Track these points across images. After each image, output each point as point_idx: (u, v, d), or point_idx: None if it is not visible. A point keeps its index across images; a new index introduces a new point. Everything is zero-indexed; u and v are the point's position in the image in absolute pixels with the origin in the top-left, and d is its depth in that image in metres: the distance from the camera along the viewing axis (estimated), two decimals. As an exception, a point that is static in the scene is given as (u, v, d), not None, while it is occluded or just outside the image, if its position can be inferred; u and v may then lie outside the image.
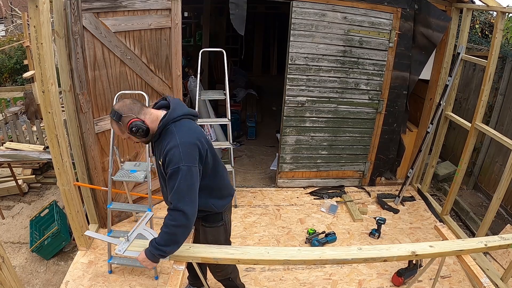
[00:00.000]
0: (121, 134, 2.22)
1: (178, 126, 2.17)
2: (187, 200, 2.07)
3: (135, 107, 2.16)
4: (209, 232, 2.57)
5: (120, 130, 2.18)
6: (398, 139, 4.98)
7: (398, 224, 4.38)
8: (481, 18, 6.25)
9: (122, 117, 2.12)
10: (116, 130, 2.22)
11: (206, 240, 2.59)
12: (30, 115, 7.38)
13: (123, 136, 2.22)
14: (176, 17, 3.69)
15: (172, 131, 2.15)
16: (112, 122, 2.18)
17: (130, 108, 2.14)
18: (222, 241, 2.64)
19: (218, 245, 2.49)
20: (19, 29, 12.16)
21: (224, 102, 4.33)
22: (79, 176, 3.64)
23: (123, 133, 2.19)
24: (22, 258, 3.84)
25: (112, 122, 2.19)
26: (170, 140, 2.12)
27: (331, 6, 4.09)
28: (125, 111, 2.13)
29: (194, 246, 2.29)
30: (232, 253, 2.21)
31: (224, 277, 2.85)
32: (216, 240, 2.60)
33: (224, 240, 2.67)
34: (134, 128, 2.11)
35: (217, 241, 2.59)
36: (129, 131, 2.13)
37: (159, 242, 2.09)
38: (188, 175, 2.07)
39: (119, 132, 2.20)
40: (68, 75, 3.27)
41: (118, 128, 2.17)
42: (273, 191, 4.97)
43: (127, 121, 2.12)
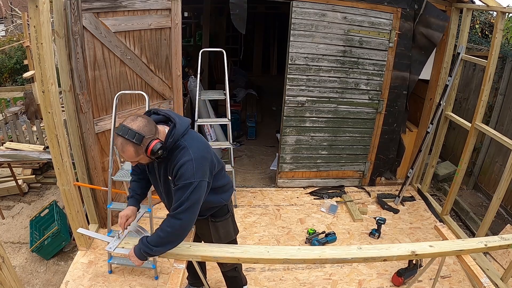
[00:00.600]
0: (132, 157, 2.02)
1: (188, 140, 2.14)
2: (189, 212, 2.10)
3: (152, 127, 2.03)
4: (220, 225, 2.58)
5: (135, 153, 1.99)
6: (398, 139, 4.98)
7: (398, 224, 4.38)
8: (481, 18, 6.25)
9: (144, 138, 1.97)
10: (129, 153, 1.99)
11: (218, 234, 2.59)
12: (30, 115, 7.38)
13: (134, 159, 2.05)
14: (176, 17, 3.70)
15: (184, 146, 2.11)
16: (126, 143, 1.96)
17: (150, 128, 2.01)
18: (232, 232, 2.68)
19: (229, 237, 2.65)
20: (19, 29, 12.16)
21: (224, 102, 4.33)
22: (79, 176, 3.64)
23: (137, 156, 2.01)
24: (22, 258, 3.84)
25: (126, 144, 1.96)
26: (183, 154, 2.09)
27: (331, 6, 4.09)
28: (147, 132, 1.98)
29: (194, 244, 2.29)
30: (232, 252, 2.21)
31: (231, 267, 2.86)
32: (227, 232, 2.63)
33: (233, 230, 2.71)
34: (159, 150, 1.99)
35: (228, 233, 2.64)
36: (149, 153, 1.99)
37: (150, 241, 2.12)
38: (196, 190, 2.09)
39: (132, 155, 2.00)
40: (68, 75, 3.27)
41: (134, 150, 1.97)
42: (273, 191, 4.97)
43: (148, 142, 1.98)
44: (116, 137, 1.98)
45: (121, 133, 1.95)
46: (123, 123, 1.98)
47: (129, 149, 1.97)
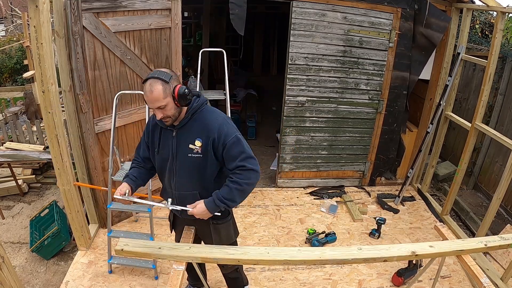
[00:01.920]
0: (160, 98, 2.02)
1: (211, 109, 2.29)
2: (255, 161, 2.24)
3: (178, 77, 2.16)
4: (222, 228, 2.55)
5: (163, 92, 2.02)
6: (398, 139, 4.98)
7: (398, 224, 4.38)
8: (481, 18, 6.25)
9: (172, 78, 2.06)
10: (157, 91, 2.01)
11: (220, 237, 2.56)
12: (30, 115, 7.38)
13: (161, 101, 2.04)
14: (176, 17, 3.69)
15: (210, 110, 2.24)
16: (155, 82, 2.01)
17: (176, 77, 2.13)
18: (232, 234, 2.66)
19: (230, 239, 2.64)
20: (19, 29, 12.16)
21: (224, 102, 4.33)
22: (79, 176, 3.64)
23: (165, 97, 2.03)
24: (22, 258, 3.84)
25: (155, 83, 2.01)
26: (215, 117, 2.20)
27: (331, 6, 4.09)
28: (173, 75, 2.10)
29: (194, 246, 2.29)
30: (232, 253, 2.20)
31: (232, 269, 2.85)
32: (228, 234, 2.62)
33: (234, 232, 2.69)
34: (186, 90, 2.06)
35: (229, 235, 2.62)
36: (177, 94, 2.04)
37: (227, 196, 2.20)
38: (244, 141, 2.23)
39: (160, 93, 2.02)
40: (68, 75, 3.27)
41: (163, 89, 2.02)
42: (273, 191, 4.97)
43: (176, 84, 2.07)
44: (145, 82, 2.06)
45: (151, 75, 2.05)
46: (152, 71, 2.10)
47: (157, 87, 2.02)
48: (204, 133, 2.17)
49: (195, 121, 2.20)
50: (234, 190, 2.20)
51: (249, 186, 2.25)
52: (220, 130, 2.15)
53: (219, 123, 2.17)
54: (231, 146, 2.17)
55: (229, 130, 2.17)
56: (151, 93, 2.03)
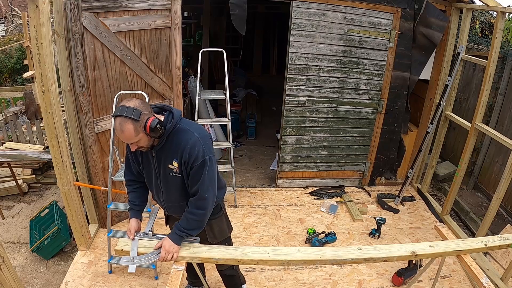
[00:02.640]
0: (132, 136, 1.99)
1: (186, 123, 2.22)
2: (211, 188, 2.24)
3: (148, 106, 2.07)
4: (214, 223, 2.59)
5: (135, 130, 1.97)
6: (398, 139, 4.98)
7: (398, 224, 4.38)
8: (481, 18, 6.25)
9: (142, 114, 1.97)
10: (128, 131, 1.97)
11: (213, 232, 2.61)
12: (30, 115, 7.38)
13: (134, 139, 2.02)
14: (176, 17, 3.69)
15: (184, 129, 2.17)
16: (124, 122, 1.95)
17: (146, 106, 2.04)
18: (226, 228, 2.71)
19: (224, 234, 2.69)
20: (19, 29, 12.17)
21: (224, 102, 4.33)
22: (79, 176, 3.64)
23: (137, 134, 2.00)
24: (22, 258, 3.84)
25: (124, 122, 1.95)
26: (188, 137, 2.15)
27: (331, 6, 4.09)
28: (143, 108, 2.00)
29: (194, 246, 2.29)
30: (232, 253, 2.21)
31: (228, 266, 2.86)
32: (221, 229, 2.66)
33: (227, 226, 2.73)
34: (158, 124, 2.00)
35: (222, 230, 2.67)
36: (148, 129, 1.99)
37: (186, 227, 2.23)
38: (211, 165, 2.20)
39: (132, 133, 1.98)
40: (68, 75, 3.27)
41: (134, 127, 1.96)
42: (273, 191, 4.97)
43: (146, 118, 2.00)
44: (115, 119, 2.00)
45: (119, 112, 1.96)
46: (120, 105, 2.02)
47: (128, 127, 1.96)
48: (178, 154, 2.16)
49: (170, 141, 2.17)
50: (191, 221, 2.24)
51: (204, 216, 2.29)
52: (190, 152, 2.12)
53: (191, 144, 2.13)
54: (195, 169, 2.16)
55: (198, 153, 2.13)
56: (122, 133, 1.98)
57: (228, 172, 4.43)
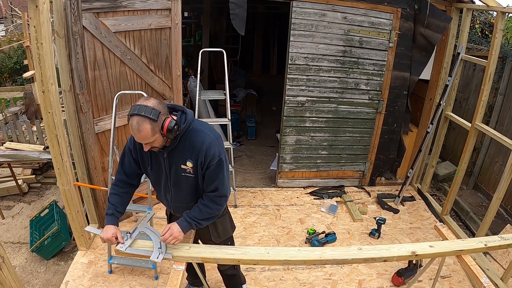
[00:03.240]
0: (148, 136, 1.97)
1: (199, 124, 2.25)
2: (227, 185, 2.31)
3: (165, 106, 2.06)
4: (219, 222, 2.59)
5: (152, 130, 1.94)
6: (398, 139, 4.98)
7: (398, 224, 4.38)
8: (481, 18, 6.25)
9: (160, 114, 1.96)
10: (145, 131, 1.94)
11: (217, 231, 2.60)
12: (30, 115, 7.38)
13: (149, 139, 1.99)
14: (176, 17, 3.69)
15: (198, 130, 2.19)
16: (142, 121, 1.92)
17: (163, 106, 2.03)
18: (229, 228, 2.71)
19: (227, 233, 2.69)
20: (19, 29, 12.16)
21: (224, 102, 4.33)
22: (79, 176, 3.64)
23: (153, 134, 1.97)
24: (22, 258, 3.84)
25: (142, 122, 1.92)
26: (203, 137, 2.17)
27: (331, 6, 4.09)
28: (161, 109, 1.98)
29: (194, 246, 2.29)
30: (232, 253, 2.21)
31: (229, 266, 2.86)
32: (225, 228, 2.66)
33: (231, 225, 2.74)
34: (175, 126, 2.00)
35: (226, 230, 2.67)
36: (166, 130, 1.98)
37: (198, 216, 2.25)
38: (226, 164, 2.26)
39: (149, 133, 1.95)
40: (68, 75, 3.27)
41: (151, 128, 1.93)
42: (273, 191, 4.97)
43: (164, 119, 1.99)
44: (131, 118, 1.95)
45: (137, 111, 1.93)
46: (137, 103, 1.98)
47: (145, 126, 1.93)
48: (194, 155, 2.16)
49: (184, 142, 2.17)
50: (205, 213, 2.27)
51: (218, 210, 2.36)
52: (207, 152, 2.15)
53: (207, 145, 2.14)
54: (213, 168, 2.20)
55: (215, 153, 2.17)
56: (139, 132, 1.95)
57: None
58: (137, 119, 1.93)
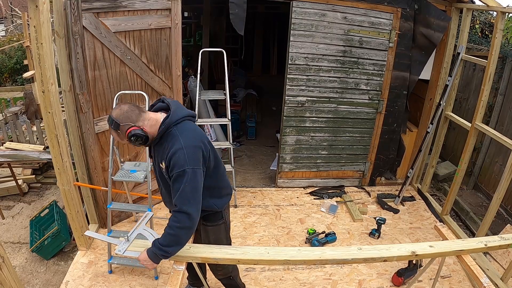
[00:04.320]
0: (120, 141, 2.22)
1: (180, 129, 2.16)
2: (192, 202, 2.10)
3: (132, 114, 2.11)
4: (211, 231, 2.57)
5: (119, 137, 2.18)
6: (398, 139, 4.98)
7: (398, 224, 4.38)
8: (481, 18, 6.25)
9: (120, 125, 2.10)
10: (115, 137, 2.24)
11: (208, 239, 2.58)
12: (30, 115, 7.38)
13: (123, 142, 2.23)
14: (176, 17, 3.69)
15: (175, 134, 2.14)
16: (110, 129, 2.19)
17: (128, 116, 2.10)
18: (223, 238, 2.65)
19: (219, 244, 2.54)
20: (19, 29, 12.17)
21: (224, 102, 4.33)
22: (79, 176, 3.64)
23: (122, 140, 2.19)
24: (22, 258, 3.84)
25: (110, 130, 2.19)
26: (174, 143, 2.11)
27: (331, 6, 4.09)
28: (122, 119, 2.09)
29: (194, 246, 2.29)
30: (232, 253, 2.21)
31: (225, 276, 2.85)
32: (217, 238, 2.61)
33: (225, 237, 2.69)
34: (133, 137, 2.11)
35: (218, 239, 2.61)
36: (127, 139, 2.14)
37: (162, 243, 2.09)
38: (192, 178, 2.09)
39: (118, 138, 2.22)
40: (68, 75, 3.27)
41: (117, 135, 2.18)
42: (273, 191, 4.97)
43: (126, 129, 2.11)
44: None
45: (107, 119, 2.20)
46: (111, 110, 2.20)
47: (112, 133, 2.24)
48: (165, 157, 2.16)
49: (163, 142, 2.20)
50: (168, 236, 2.09)
51: (181, 231, 2.09)
52: (171, 159, 2.09)
53: (174, 151, 2.08)
54: (174, 179, 2.11)
55: (178, 162, 2.06)
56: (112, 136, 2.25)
57: (228, 172, 4.41)
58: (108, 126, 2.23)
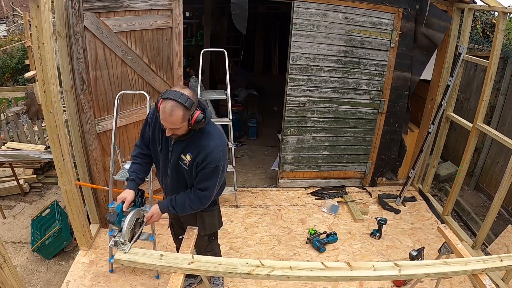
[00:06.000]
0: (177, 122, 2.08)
1: (212, 126, 2.34)
2: (215, 189, 2.40)
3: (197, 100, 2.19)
4: (206, 216, 2.70)
5: (183, 117, 2.07)
6: (399, 139, 4.97)
7: (399, 225, 4.38)
8: (482, 19, 6.24)
9: (194, 105, 2.10)
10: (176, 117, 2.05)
11: (203, 223, 2.70)
12: (31, 115, 7.39)
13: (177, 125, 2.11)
14: (177, 17, 3.69)
15: (210, 132, 2.29)
16: (176, 107, 2.03)
17: (196, 99, 2.17)
18: (216, 223, 2.81)
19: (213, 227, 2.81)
20: (20, 29, 12.18)
21: (225, 102, 4.33)
22: (80, 176, 3.64)
23: (182, 122, 2.09)
24: (23, 257, 3.85)
25: (176, 107, 2.03)
26: (210, 139, 2.26)
27: (332, 6, 4.09)
28: (195, 100, 2.13)
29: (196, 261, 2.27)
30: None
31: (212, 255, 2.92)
32: (211, 222, 2.76)
33: (218, 221, 2.83)
34: (202, 119, 2.14)
35: (213, 224, 2.78)
36: (194, 121, 2.12)
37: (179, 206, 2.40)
38: (223, 172, 2.35)
39: (179, 119, 2.06)
40: (70, 75, 3.28)
41: (183, 115, 2.06)
42: (274, 191, 4.97)
43: (194, 110, 2.12)
44: (165, 101, 2.06)
45: (173, 96, 2.04)
46: (173, 89, 2.09)
47: (178, 112, 2.05)
48: (195, 152, 2.26)
49: (193, 137, 2.27)
50: (186, 206, 2.40)
51: (198, 209, 2.45)
52: (208, 156, 2.23)
53: (211, 149, 2.24)
54: (208, 171, 2.28)
55: (215, 158, 2.24)
56: (171, 117, 2.06)
57: (229, 172, 4.42)
58: (171, 104, 2.04)
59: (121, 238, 2.17)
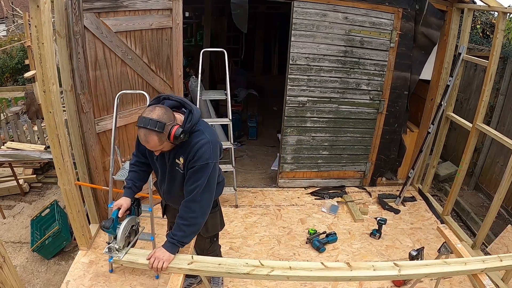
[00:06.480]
0: (156, 146, 2.08)
1: (203, 125, 2.28)
2: (207, 192, 2.25)
3: (170, 114, 2.10)
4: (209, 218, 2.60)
5: (159, 140, 2.05)
6: (399, 140, 4.98)
7: (399, 225, 4.38)
8: (482, 19, 6.24)
9: (166, 125, 2.03)
10: (153, 142, 2.05)
11: (206, 226, 2.64)
12: (31, 115, 7.38)
13: (158, 147, 2.11)
14: (177, 17, 3.70)
15: (200, 130, 2.23)
16: (149, 133, 2.02)
17: (169, 116, 2.07)
18: (219, 225, 2.80)
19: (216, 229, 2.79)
20: (20, 29, 12.17)
21: (225, 102, 4.33)
22: (80, 176, 3.64)
23: (161, 144, 2.08)
24: (23, 257, 3.85)
25: (149, 134, 2.02)
26: (200, 137, 2.20)
27: (332, 6, 4.09)
28: (166, 119, 2.04)
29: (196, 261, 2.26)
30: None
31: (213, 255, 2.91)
32: (214, 223, 2.74)
33: (220, 223, 2.82)
34: (181, 134, 2.06)
35: (215, 225, 2.77)
36: (173, 138, 2.05)
37: (177, 235, 2.20)
38: (213, 171, 2.24)
39: (156, 143, 2.06)
40: (69, 75, 3.28)
41: (158, 138, 2.04)
42: (274, 191, 4.97)
43: (170, 128, 2.05)
44: (139, 129, 2.05)
45: (143, 124, 2.01)
46: (143, 115, 2.05)
47: (152, 138, 2.03)
48: (186, 152, 2.22)
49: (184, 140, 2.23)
50: (182, 226, 2.22)
51: (196, 220, 2.24)
52: (197, 152, 2.17)
53: (199, 145, 2.17)
54: (196, 170, 2.19)
55: (204, 154, 2.17)
56: (147, 143, 2.07)
57: (229, 172, 4.43)
58: (144, 132, 2.03)
59: (115, 244, 2.17)
